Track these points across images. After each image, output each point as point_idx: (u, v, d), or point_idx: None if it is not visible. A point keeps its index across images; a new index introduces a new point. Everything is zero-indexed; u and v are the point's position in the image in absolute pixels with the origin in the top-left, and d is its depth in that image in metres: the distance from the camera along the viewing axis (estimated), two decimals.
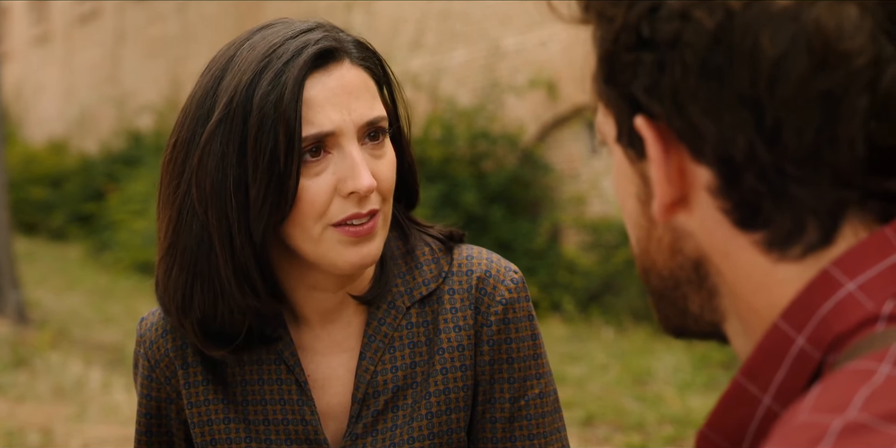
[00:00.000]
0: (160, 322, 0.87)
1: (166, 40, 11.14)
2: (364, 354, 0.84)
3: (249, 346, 0.84)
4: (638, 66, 0.45)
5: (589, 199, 6.24)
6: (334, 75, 0.79)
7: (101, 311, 6.54)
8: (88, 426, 3.81)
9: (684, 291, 0.48)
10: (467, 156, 6.38)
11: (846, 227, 0.44)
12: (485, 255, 0.88)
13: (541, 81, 6.34)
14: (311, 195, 0.77)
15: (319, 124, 0.77)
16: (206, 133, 0.78)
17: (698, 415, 3.74)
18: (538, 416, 0.86)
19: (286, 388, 0.84)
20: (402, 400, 0.84)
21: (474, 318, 0.85)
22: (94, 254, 9.29)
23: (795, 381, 0.43)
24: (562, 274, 5.84)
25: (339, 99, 0.78)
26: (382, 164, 0.80)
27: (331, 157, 0.78)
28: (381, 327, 0.85)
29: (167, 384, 0.87)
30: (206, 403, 0.85)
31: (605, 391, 4.07)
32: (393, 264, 0.86)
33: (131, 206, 8.49)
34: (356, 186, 0.77)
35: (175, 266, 0.81)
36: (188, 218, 0.79)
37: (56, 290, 7.41)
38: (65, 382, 4.46)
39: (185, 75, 10.80)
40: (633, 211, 0.49)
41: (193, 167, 0.79)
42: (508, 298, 0.85)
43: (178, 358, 0.86)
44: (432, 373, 0.84)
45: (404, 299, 0.85)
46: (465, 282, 0.85)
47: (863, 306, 0.42)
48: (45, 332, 5.51)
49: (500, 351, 0.85)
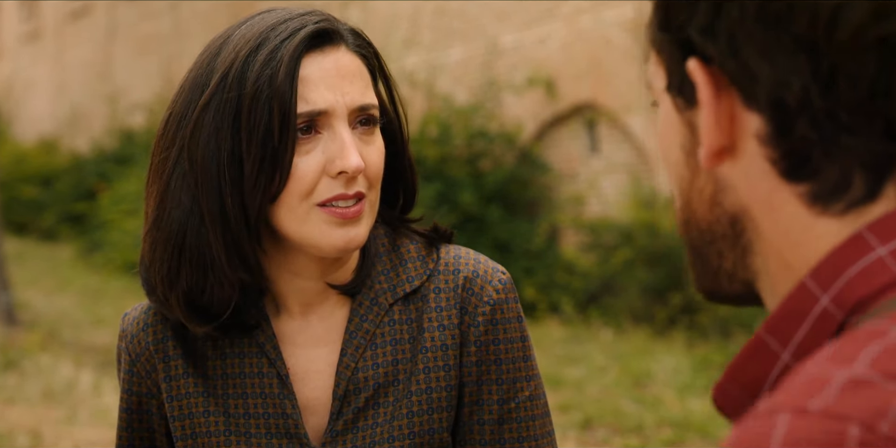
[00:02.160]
0: (142, 316, 0.87)
1: (159, 37, 11.08)
2: (345, 350, 0.84)
3: (234, 325, 0.83)
4: (694, 8, 0.45)
5: (588, 199, 6.21)
6: (330, 57, 0.80)
7: (92, 312, 6.52)
8: (78, 429, 3.78)
9: (719, 247, 0.48)
10: (464, 155, 6.35)
11: (889, 186, 0.44)
12: (472, 256, 0.88)
13: (539, 79, 6.31)
14: (301, 173, 0.78)
15: (313, 102, 0.78)
16: (200, 105, 0.79)
17: (698, 417, 3.73)
18: (528, 418, 0.85)
19: (268, 382, 0.84)
20: (384, 397, 0.83)
21: (460, 318, 0.84)
22: (85, 254, 9.28)
23: (815, 339, 0.44)
24: (560, 275, 5.81)
25: (333, 80, 0.79)
26: (371, 150, 0.81)
27: (321, 136, 0.79)
28: (362, 324, 0.84)
29: (147, 378, 0.86)
30: (186, 396, 0.85)
31: (604, 393, 4.06)
32: (377, 261, 0.86)
33: (123, 206, 8.46)
34: (345, 166, 0.77)
35: (161, 240, 0.80)
36: (177, 190, 0.79)
37: (46, 290, 7.40)
38: (55, 384, 4.43)
39: (178, 73, 10.71)
40: (676, 162, 0.49)
41: (185, 139, 0.79)
42: (496, 299, 0.85)
43: (159, 351, 0.85)
44: (415, 371, 0.84)
45: (387, 296, 0.85)
46: (451, 281, 0.85)
47: (890, 270, 0.43)
48: (34, 334, 5.49)
49: (488, 352, 0.85)
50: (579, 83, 6.21)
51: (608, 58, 6.06)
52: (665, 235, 5.46)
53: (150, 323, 0.86)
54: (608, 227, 5.74)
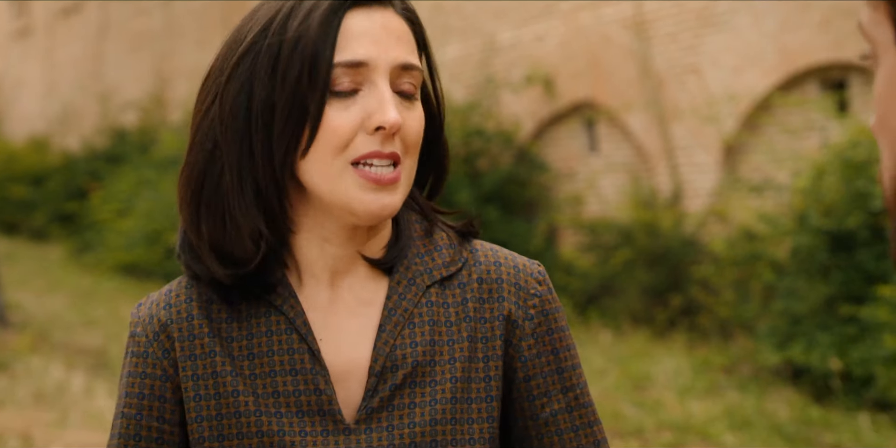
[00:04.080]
0: (162, 297, 0.86)
1: (151, 35, 11.02)
2: (384, 327, 0.83)
3: (259, 280, 0.82)
4: None
5: (586, 199, 6.18)
6: (377, 15, 0.79)
7: (84, 313, 6.48)
8: (70, 432, 3.75)
9: None
10: (461, 154, 6.33)
11: None
12: (506, 251, 0.89)
13: (537, 77, 6.29)
14: (336, 125, 0.77)
15: (353, 51, 0.78)
16: (240, 51, 0.79)
17: (698, 420, 3.71)
18: (589, 403, 0.87)
19: (298, 358, 0.82)
20: (421, 377, 0.83)
21: (508, 311, 0.85)
22: (76, 254, 9.24)
23: None
24: (559, 276, 5.79)
25: (378, 35, 0.79)
26: (411, 117, 0.80)
27: (362, 93, 0.78)
28: (401, 302, 0.84)
29: (165, 358, 0.84)
30: (213, 376, 0.82)
31: (603, 396, 4.04)
32: (412, 244, 0.86)
33: (115, 206, 8.42)
34: (383, 120, 0.77)
35: (183, 183, 0.81)
36: (203, 135, 0.80)
37: (37, 291, 7.38)
38: (45, 387, 4.39)
39: (171, 71, 10.66)
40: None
41: (222, 84, 0.79)
42: (541, 290, 0.86)
43: (183, 330, 0.84)
44: (459, 358, 0.83)
45: (424, 278, 0.85)
46: (493, 271, 0.85)
47: None
48: (25, 336, 5.47)
49: (545, 343, 0.85)
50: (578, 81, 6.16)
51: (607, 55, 6.01)
52: (665, 235, 5.42)
53: (173, 303, 0.85)
54: (607, 228, 5.71)
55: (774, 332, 4.23)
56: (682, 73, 5.61)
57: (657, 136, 5.73)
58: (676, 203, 5.60)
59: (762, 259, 4.57)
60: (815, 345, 4.00)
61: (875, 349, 3.76)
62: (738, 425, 3.67)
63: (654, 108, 5.68)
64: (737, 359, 4.58)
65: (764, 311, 4.50)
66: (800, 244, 4.21)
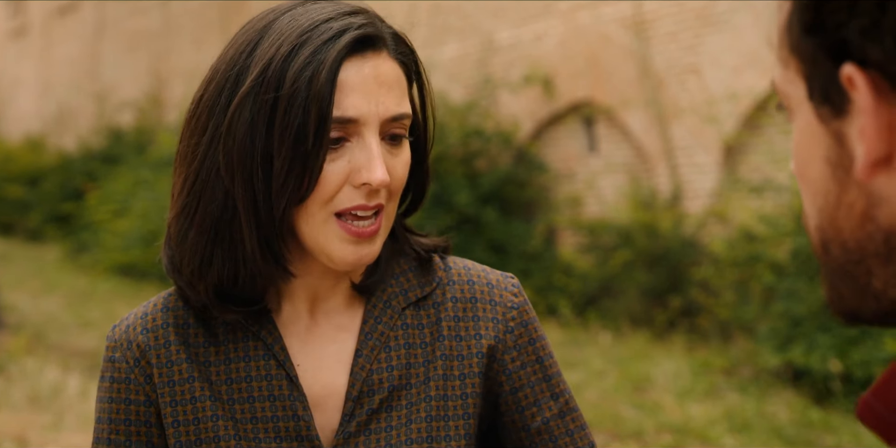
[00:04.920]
0: (138, 321, 0.86)
1: (148, 34, 10.99)
2: (360, 351, 0.85)
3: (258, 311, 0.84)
4: (854, 7, 0.42)
5: (586, 200, 6.16)
6: (370, 63, 0.79)
7: (80, 315, 6.46)
8: (65, 435, 3.75)
9: (869, 265, 0.46)
10: (459, 154, 6.31)
11: None
12: (479, 267, 0.91)
13: (536, 77, 6.27)
14: (326, 178, 0.78)
15: (344, 109, 0.78)
16: (238, 99, 0.78)
17: (698, 423, 3.70)
18: (577, 407, 0.89)
19: (276, 384, 0.84)
20: (397, 400, 0.84)
21: (486, 328, 0.86)
22: (72, 255, 9.22)
23: None
24: (558, 277, 5.77)
25: (370, 87, 0.78)
26: (397, 163, 0.81)
27: (349, 145, 0.79)
28: (377, 325, 0.85)
29: (147, 384, 0.85)
30: (192, 401, 0.84)
31: (603, 398, 4.03)
32: (389, 263, 0.88)
33: (111, 206, 8.40)
34: (370, 178, 0.78)
35: (193, 229, 0.81)
36: (211, 183, 0.80)
37: (32, 293, 7.37)
38: (41, 389, 4.38)
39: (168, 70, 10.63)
40: (818, 176, 0.47)
41: (221, 133, 0.79)
42: (518, 302, 0.88)
43: (161, 356, 0.84)
44: (432, 377, 0.85)
45: (399, 300, 0.87)
46: (467, 291, 0.88)
47: None
48: (20, 337, 5.47)
49: (528, 353, 0.87)
50: (577, 81, 6.14)
51: (606, 55, 5.99)
52: (665, 236, 5.41)
53: (150, 328, 0.85)
54: (607, 228, 5.69)
55: (775, 334, 4.21)
56: (681, 73, 5.59)
57: (657, 136, 5.71)
58: (676, 204, 5.58)
59: (762, 260, 4.55)
60: (815, 346, 3.98)
61: (876, 351, 3.75)
62: (737, 428, 3.66)
63: (653, 108, 5.66)
64: (737, 361, 4.57)
65: (764, 312, 4.48)
66: (800, 245, 4.19)
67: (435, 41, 7.13)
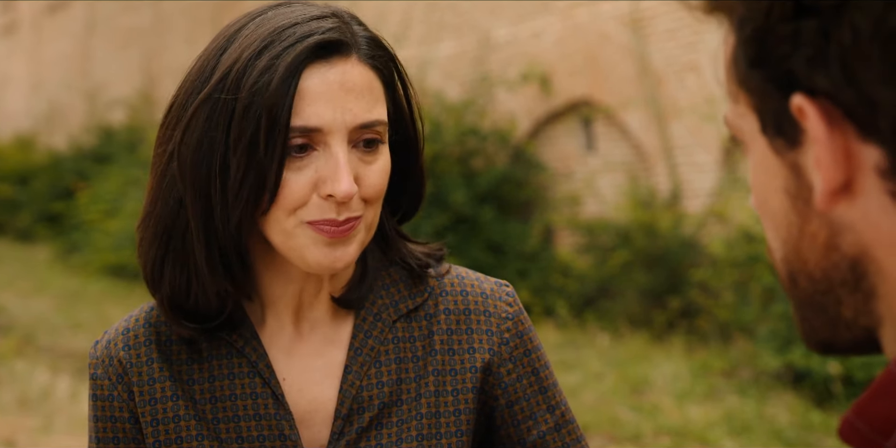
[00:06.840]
0: (119, 337, 0.85)
1: (139, 31, 10.93)
2: (350, 368, 0.83)
3: (221, 326, 0.82)
4: (798, 37, 0.42)
5: (584, 199, 6.13)
6: (336, 69, 0.76)
7: (70, 316, 6.45)
8: (55, 438, 3.79)
9: (837, 295, 0.46)
10: (456, 153, 6.28)
11: None
12: (473, 275, 0.89)
13: (533, 75, 6.24)
14: (289, 188, 0.76)
15: (306, 118, 0.75)
16: (194, 105, 0.76)
17: (697, 425, 3.69)
18: (573, 419, 0.88)
19: (262, 403, 0.82)
20: (387, 418, 0.83)
21: (480, 341, 0.85)
22: (62, 255, 9.18)
23: None
24: (555, 277, 5.74)
25: (335, 95, 0.76)
26: (372, 170, 0.78)
27: (316, 154, 0.76)
28: (367, 340, 0.83)
29: (131, 400, 0.84)
30: (175, 420, 0.82)
31: (600, 400, 4.02)
32: (377, 275, 0.85)
33: (102, 206, 8.34)
34: (334, 190, 0.76)
35: (147, 239, 0.80)
36: (167, 189, 0.78)
37: (22, 293, 7.36)
38: (30, 392, 4.37)
39: (159, 68, 10.56)
40: (779, 208, 0.47)
41: (177, 139, 0.77)
42: (513, 312, 0.86)
43: (143, 374, 0.83)
44: (424, 394, 0.83)
45: (390, 312, 0.85)
46: (460, 302, 0.86)
47: None
48: (10, 339, 5.50)
49: (524, 364, 0.86)
50: (575, 79, 6.10)
51: (604, 53, 5.95)
52: (664, 236, 5.37)
53: (132, 345, 0.84)
54: (605, 228, 5.66)
55: (774, 336, 4.18)
56: (680, 71, 5.55)
57: (656, 134, 5.67)
58: (675, 203, 5.55)
59: (762, 261, 4.52)
60: None
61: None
62: (737, 430, 3.63)
63: (652, 106, 5.63)
64: (736, 362, 4.53)
65: (764, 313, 4.45)
66: None
67: (431, 39, 7.09)
